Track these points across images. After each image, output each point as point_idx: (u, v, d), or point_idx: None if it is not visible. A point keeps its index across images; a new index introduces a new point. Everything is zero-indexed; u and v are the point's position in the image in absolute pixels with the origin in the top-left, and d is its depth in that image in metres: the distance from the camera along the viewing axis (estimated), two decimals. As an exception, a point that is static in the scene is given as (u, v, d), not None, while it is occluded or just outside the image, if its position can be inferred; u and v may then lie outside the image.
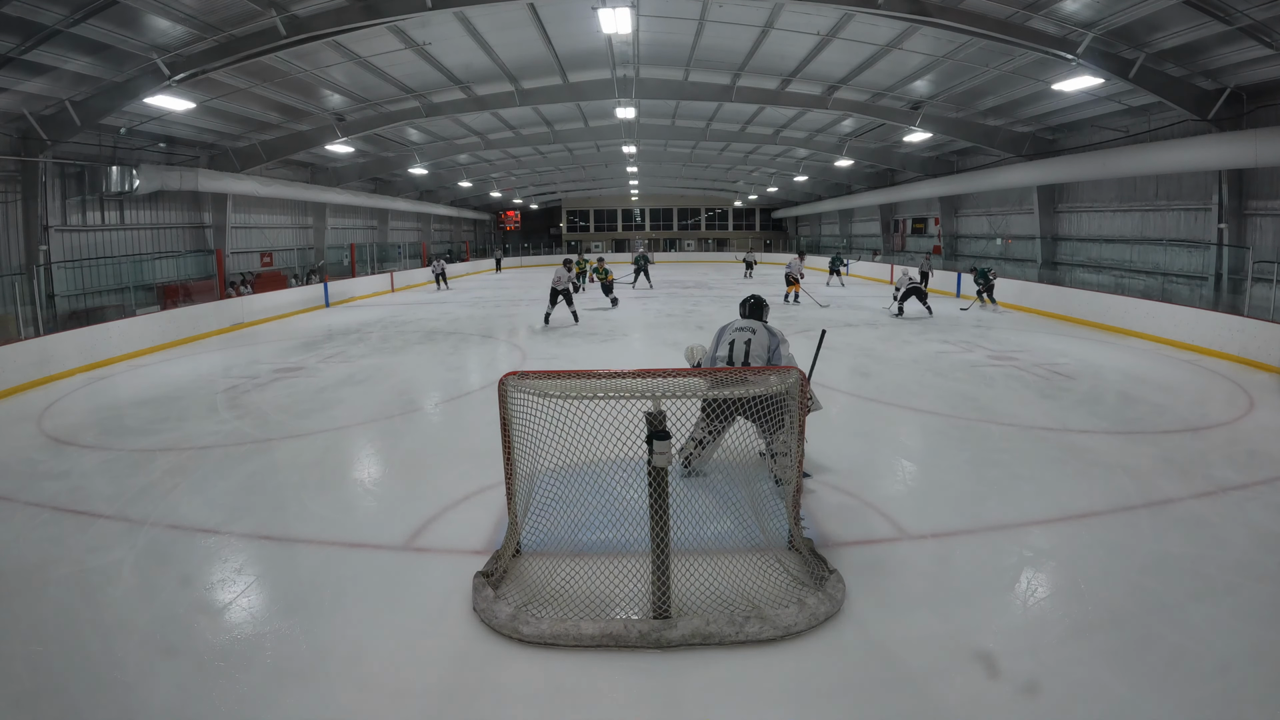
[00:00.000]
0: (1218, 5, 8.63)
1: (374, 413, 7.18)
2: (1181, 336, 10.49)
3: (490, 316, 15.55)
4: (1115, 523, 4.21)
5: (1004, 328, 12.61)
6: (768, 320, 4.88)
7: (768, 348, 4.56)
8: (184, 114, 12.79)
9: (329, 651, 3.01)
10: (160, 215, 16.12)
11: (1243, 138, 10.55)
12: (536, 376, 3.42)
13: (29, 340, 9.43)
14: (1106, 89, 12.03)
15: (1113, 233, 15.56)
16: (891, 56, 12.30)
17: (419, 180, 25.79)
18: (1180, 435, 6.04)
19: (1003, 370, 8.73)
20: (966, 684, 2.75)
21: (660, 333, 12.53)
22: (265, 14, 9.43)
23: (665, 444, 3.05)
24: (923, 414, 6.76)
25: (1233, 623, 3.11)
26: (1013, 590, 3.49)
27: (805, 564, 3.55)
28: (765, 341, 4.58)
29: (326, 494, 4.90)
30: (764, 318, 4.86)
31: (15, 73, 9.81)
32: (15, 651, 3.05)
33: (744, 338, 4.61)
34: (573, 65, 13.90)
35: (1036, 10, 9.50)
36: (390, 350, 11.10)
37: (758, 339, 4.58)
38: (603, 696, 2.75)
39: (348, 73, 12.90)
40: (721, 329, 4.79)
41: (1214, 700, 2.64)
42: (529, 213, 44.28)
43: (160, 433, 6.58)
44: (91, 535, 4.25)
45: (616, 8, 9.30)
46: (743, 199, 40.30)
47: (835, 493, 4.68)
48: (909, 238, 26.20)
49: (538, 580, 3.48)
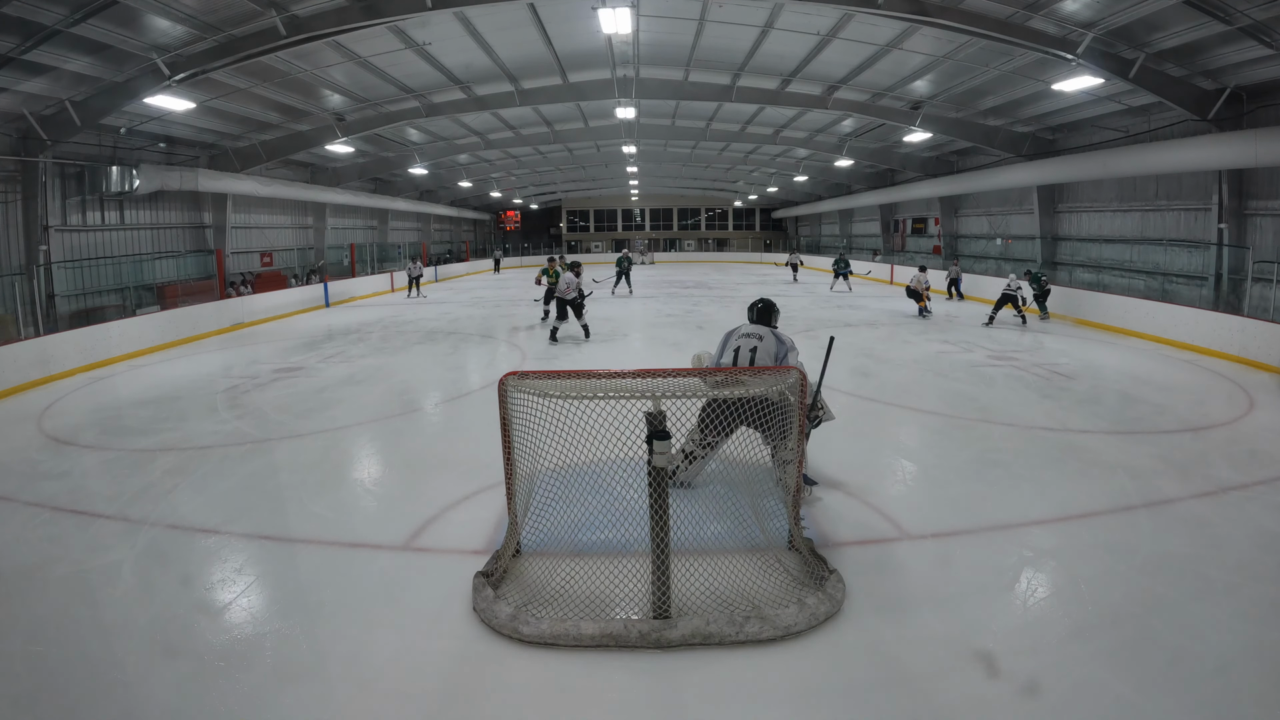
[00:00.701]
0: (1218, 5, 8.63)
1: (374, 413, 7.18)
2: (1181, 336, 10.49)
3: (490, 316, 15.55)
4: (1115, 523, 4.21)
5: (1003, 327, 12.61)
6: (777, 325, 4.66)
7: (775, 355, 4.32)
8: (184, 114, 12.78)
9: (329, 651, 3.01)
10: (160, 215, 16.11)
11: (1243, 138, 10.55)
12: (536, 376, 3.42)
13: (29, 340, 9.43)
14: (1106, 89, 12.03)
15: (1113, 233, 15.56)
16: (891, 56, 12.30)
17: (419, 180, 25.79)
18: (1180, 435, 6.04)
19: (1003, 370, 8.73)
20: (966, 684, 2.75)
21: (660, 333, 12.53)
22: (265, 14, 9.43)
23: (665, 444, 3.05)
24: (923, 414, 6.76)
25: (1233, 623, 3.11)
26: (1013, 590, 3.49)
27: (805, 564, 3.55)
28: (773, 349, 4.34)
29: (326, 494, 4.90)
30: (773, 323, 4.62)
31: (15, 73, 9.81)
32: (15, 651, 3.05)
33: (750, 344, 4.38)
34: (573, 65, 13.90)
35: (1036, 10, 9.50)
36: (390, 350, 11.10)
37: (764, 346, 4.35)
38: (603, 696, 2.74)
39: (348, 73, 12.90)
40: (727, 334, 4.56)
41: (1214, 700, 2.63)
42: (529, 213, 44.28)
43: (160, 433, 6.57)
44: (91, 535, 4.25)
45: (616, 8, 9.30)
46: (743, 199, 40.29)
47: (835, 493, 4.68)
48: (909, 238, 26.21)
49: (538, 580, 3.48)
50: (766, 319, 4.61)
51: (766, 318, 4.62)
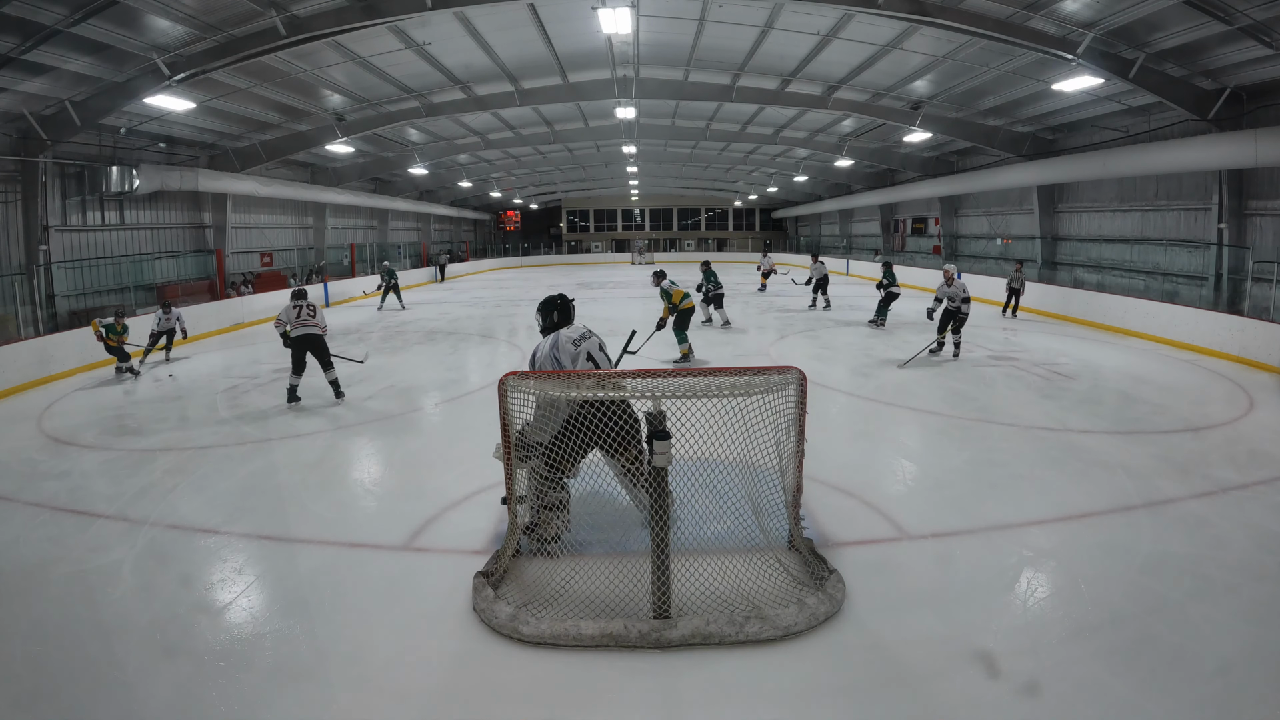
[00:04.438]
0: (1218, 5, 8.62)
1: (374, 413, 7.18)
2: (1181, 336, 10.49)
3: (490, 316, 15.55)
4: (1115, 523, 4.21)
5: (1003, 328, 12.61)
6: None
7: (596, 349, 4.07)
8: (184, 114, 12.78)
9: (329, 651, 3.01)
10: (160, 215, 16.11)
11: (1243, 138, 10.54)
12: (536, 376, 3.42)
13: (29, 340, 9.43)
14: (1106, 89, 12.02)
15: (1113, 233, 15.55)
16: (891, 56, 12.29)
17: (419, 180, 25.78)
18: (1180, 435, 6.04)
19: (1003, 370, 8.73)
20: (966, 684, 2.75)
21: (661, 332, 12.50)
22: (265, 14, 9.43)
23: (665, 444, 3.05)
24: (923, 414, 6.76)
25: (1233, 623, 3.11)
26: (1013, 590, 3.49)
27: (805, 564, 3.55)
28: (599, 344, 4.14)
29: (326, 494, 4.90)
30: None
31: (15, 73, 9.80)
32: (15, 651, 3.05)
33: (596, 345, 4.09)
34: (573, 65, 13.89)
35: (1036, 10, 9.50)
36: (390, 350, 11.10)
37: (595, 341, 4.12)
38: (603, 696, 2.75)
39: (348, 73, 12.90)
40: (556, 344, 3.95)
41: (1214, 700, 2.64)
42: (529, 213, 44.25)
43: (160, 433, 6.58)
44: (91, 535, 4.26)
45: (616, 8, 9.30)
46: (743, 199, 40.28)
47: (835, 493, 4.68)
48: (909, 238, 26.21)
49: (538, 580, 3.48)
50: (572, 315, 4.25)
51: (572, 314, 4.25)
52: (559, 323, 4.12)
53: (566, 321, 4.14)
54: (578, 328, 4.14)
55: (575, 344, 3.98)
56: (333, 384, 7.67)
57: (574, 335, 4.02)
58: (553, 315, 4.13)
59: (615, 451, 3.60)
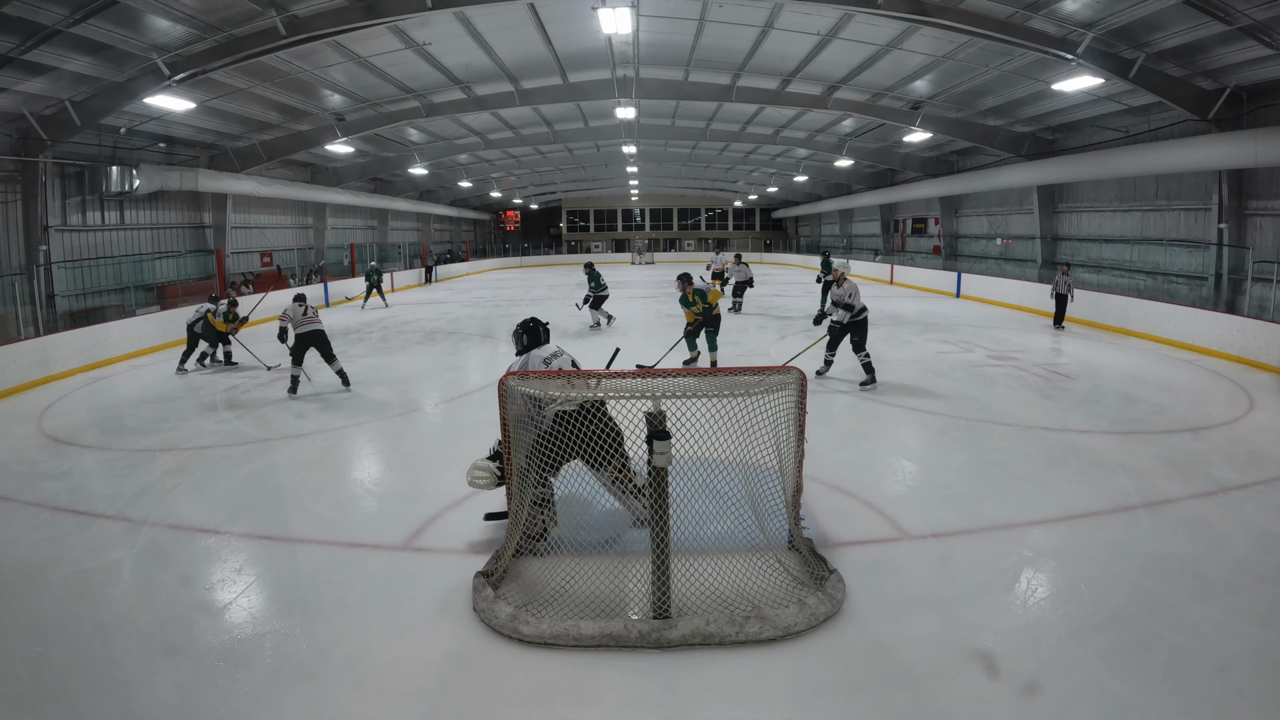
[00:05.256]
0: (1218, 5, 8.62)
1: (374, 413, 7.18)
2: (1181, 336, 10.49)
3: (490, 316, 15.55)
4: (1115, 523, 4.21)
5: (1004, 328, 12.61)
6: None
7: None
8: (184, 114, 12.78)
9: (329, 651, 3.01)
10: (160, 215, 16.11)
11: (1243, 138, 10.55)
12: (537, 376, 3.42)
13: (29, 340, 9.43)
14: (1106, 89, 12.02)
15: (1113, 233, 15.55)
16: (891, 56, 12.29)
17: (419, 180, 25.78)
18: (1180, 435, 6.04)
19: (1003, 370, 8.72)
20: (966, 684, 2.75)
21: (660, 333, 12.52)
22: (265, 14, 9.43)
23: (665, 444, 3.05)
24: (923, 414, 6.75)
25: (1233, 623, 3.11)
26: (1013, 590, 3.49)
27: (805, 564, 3.55)
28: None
29: (326, 494, 4.90)
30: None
31: (15, 73, 9.81)
32: (15, 651, 3.05)
33: (568, 361, 4.26)
34: (573, 65, 13.90)
35: (1036, 10, 9.50)
36: (390, 350, 11.10)
37: (567, 359, 4.29)
38: (603, 696, 2.75)
39: (348, 73, 12.90)
40: (527, 364, 4.10)
41: (1214, 700, 2.63)
42: (529, 213, 44.25)
43: (160, 433, 6.58)
44: (91, 535, 4.26)
45: (616, 8, 9.30)
46: (743, 199, 40.28)
47: (835, 493, 4.68)
48: (909, 238, 26.21)
49: (538, 580, 3.48)
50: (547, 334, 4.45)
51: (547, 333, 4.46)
52: (529, 345, 4.33)
53: (538, 343, 4.35)
54: (549, 347, 4.35)
55: (546, 362, 4.16)
56: (340, 374, 8.13)
57: (544, 354, 4.23)
58: (523, 338, 4.37)
59: (598, 465, 3.69)
